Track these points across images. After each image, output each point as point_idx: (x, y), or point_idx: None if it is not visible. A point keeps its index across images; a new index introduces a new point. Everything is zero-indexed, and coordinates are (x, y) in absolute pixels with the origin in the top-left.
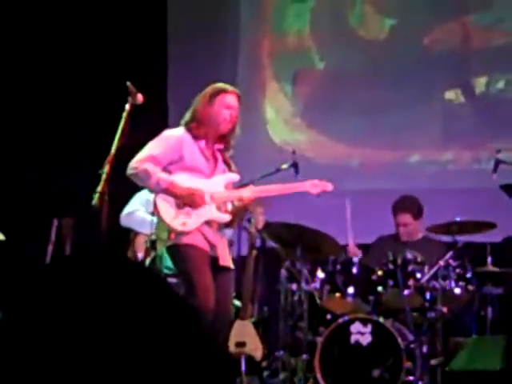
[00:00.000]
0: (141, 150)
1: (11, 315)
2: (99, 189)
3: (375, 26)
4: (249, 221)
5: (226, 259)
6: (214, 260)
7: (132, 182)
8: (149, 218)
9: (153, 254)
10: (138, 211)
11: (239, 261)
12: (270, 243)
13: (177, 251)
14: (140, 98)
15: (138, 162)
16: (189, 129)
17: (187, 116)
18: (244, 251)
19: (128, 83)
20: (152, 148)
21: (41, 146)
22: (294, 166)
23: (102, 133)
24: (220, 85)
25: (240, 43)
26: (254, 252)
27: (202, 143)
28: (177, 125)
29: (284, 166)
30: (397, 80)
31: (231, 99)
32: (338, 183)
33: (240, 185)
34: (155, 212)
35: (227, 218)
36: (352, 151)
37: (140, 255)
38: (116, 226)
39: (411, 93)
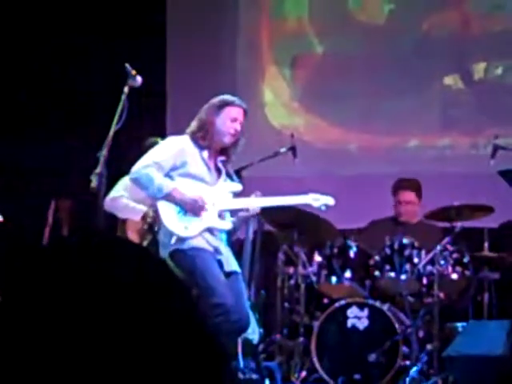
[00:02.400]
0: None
1: (9, 298)
2: (97, 171)
3: (374, 10)
4: None
5: (231, 264)
6: (220, 263)
7: (130, 165)
8: (131, 204)
9: (149, 237)
10: (121, 197)
11: (236, 244)
12: (268, 227)
13: (183, 255)
14: (139, 80)
15: (141, 167)
16: (194, 138)
17: (193, 125)
18: (241, 235)
19: (127, 65)
20: (155, 154)
21: (39, 128)
22: (292, 149)
23: (100, 115)
24: (227, 97)
25: (239, 28)
26: (252, 235)
27: (206, 153)
28: (175, 108)
29: (282, 150)
30: (395, 65)
31: (238, 112)
32: (335, 167)
33: (239, 168)
34: (157, 217)
35: (229, 225)
36: (350, 136)
37: (131, 237)
38: None
39: (410, 78)
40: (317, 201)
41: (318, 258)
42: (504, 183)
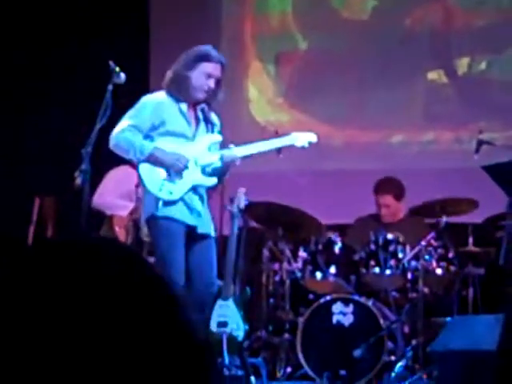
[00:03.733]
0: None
1: None
2: (81, 168)
3: (357, 6)
4: (231, 201)
5: (207, 227)
6: (193, 228)
7: (115, 161)
8: (118, 200)
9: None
10: (108, 194)
11: (221, 240)
12: (252, 223)
13: (155, 223)
14: (122, 77)
15: (119, 132)
16: (169, 91)
17: (167, 78)
18: (226, 231)
19: (110, 62)
20: (132, 116)
21: (23, 123)
22: None
23: (84, 112)
24: (204, 50)
25: (222, 24)
26: (236, 232)
27: (184, 105)
28: None
29: None
30: (379, 60)
31: (213, 68)
32: (319, 163)
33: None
34: (140, 183)
35: (213, 181)
36: (334, 131)
37: (119, 233)
38: None
39: (394, 73)
40: (299, 140)
41: (302, 253)
42: (488, 178)
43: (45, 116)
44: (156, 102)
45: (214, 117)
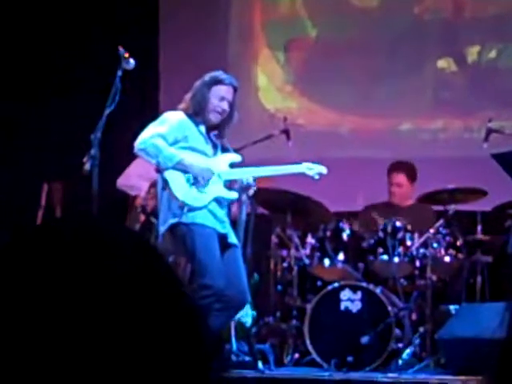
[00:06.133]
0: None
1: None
2: (90, 153)
3: None
4: None
5: (234, 236)
6: (223, 237)
7: (123, 148)
8: (144, 184)
9: (142, 218)
10: (133, 175)
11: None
12: (261, 209)
13: (184, 229)
14: (132, 63)
15: (148, 138)
16: (188, 114)
17: (185, 102)
18: (234, 217)
19: (120, 48)
20: (157, 126)
21: (30, 110)
22: (286, 132)
23: (93, 98)
24: (218, 75)
25: (232, 11)
26: (244, 218)
27: (203, 127)
28: (167, 91)
29: (275, 132)
30: (389, 48)
31: (226, 91)
32: (328, 150)
33: (234, 150)
34: (166, 189)
35: (235, 195)
36: (343, 119)
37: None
38: (107, 191)
39: (403, 61)
40: (310, 170)
41: (311, 240)
42: (497, 166)
43: (54, 101)
44: (179, 118)
45: (227, 143)
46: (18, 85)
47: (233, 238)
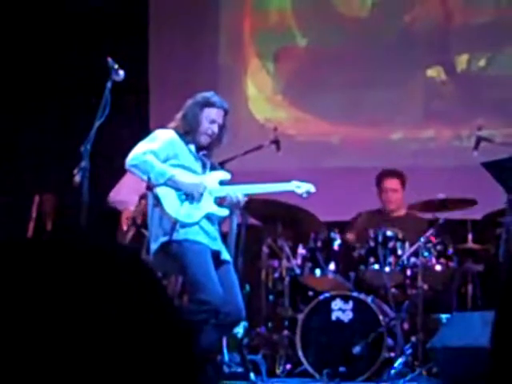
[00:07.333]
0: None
1: None
2: (81, 165)
3: (357, 3)
4: None
5: (226, 253)
6: (216, 254)
7: (113, 159)
8: (134, 198)
9: (132, 230)
10: (125, 190)
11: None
12: (252, 220)
13: (176, 246)
14: (121, 74)
15: (140, 154)
16: (178, 133)
17: (176, 121)
18: (225, 228)
19: (109, 59)
20: (149, 143)
21: (21, 123)
22: (276, 142)
23: (83, 109)
24: (209, 97)
25: (221, 21)
26: (235, 229)
27: (192, 147)
28: (157, 102)
29: (265, 143)
30: (378, 57)
31: (217, 114)
32: (318, 160)
33: (222, 161)
34: (157, 206)
35: (226, 212)
36: (333, 128)
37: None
38: (98, 203)
39: (393, 70)
40: (299, 188)
41: (302, 250)
42: (487, 175)
43: (44, 113)
44: (170, 136)
45: (215, 162)
46: (8, 98)
47: (225, 255)
